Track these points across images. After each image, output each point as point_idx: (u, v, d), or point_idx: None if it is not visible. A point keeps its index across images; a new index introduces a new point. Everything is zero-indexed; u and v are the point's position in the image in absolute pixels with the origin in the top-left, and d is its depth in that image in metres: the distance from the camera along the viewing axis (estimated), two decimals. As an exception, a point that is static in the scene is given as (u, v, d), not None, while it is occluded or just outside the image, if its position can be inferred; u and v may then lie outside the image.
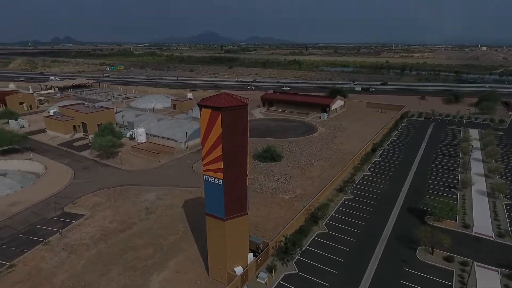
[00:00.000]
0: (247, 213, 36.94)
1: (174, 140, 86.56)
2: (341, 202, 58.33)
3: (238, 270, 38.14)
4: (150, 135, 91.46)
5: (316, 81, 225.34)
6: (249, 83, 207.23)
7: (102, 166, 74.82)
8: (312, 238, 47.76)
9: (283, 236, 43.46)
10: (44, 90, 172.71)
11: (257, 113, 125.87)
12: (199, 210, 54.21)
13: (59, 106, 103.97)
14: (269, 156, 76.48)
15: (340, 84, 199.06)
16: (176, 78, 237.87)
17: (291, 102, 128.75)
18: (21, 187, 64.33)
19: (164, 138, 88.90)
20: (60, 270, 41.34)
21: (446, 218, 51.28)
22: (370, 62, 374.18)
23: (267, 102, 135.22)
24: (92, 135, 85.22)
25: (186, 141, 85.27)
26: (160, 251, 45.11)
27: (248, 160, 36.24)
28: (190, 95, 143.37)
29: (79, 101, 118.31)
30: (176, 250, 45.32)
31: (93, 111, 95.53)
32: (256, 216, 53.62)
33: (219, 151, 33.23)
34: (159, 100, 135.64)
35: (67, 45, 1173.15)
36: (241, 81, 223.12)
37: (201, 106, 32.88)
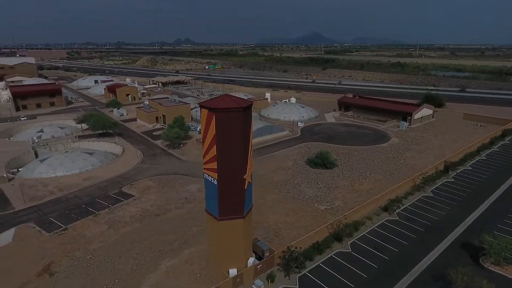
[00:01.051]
0: (243, 217, 36.48)
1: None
2: (380, 222, 52.11)
3: (233, 272, 38.10)
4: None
5: (415, 86, 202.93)
6: (334, 86, 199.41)
7: (166, 155, 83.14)
8: (329, 255, 44.10)
9: (288, 246, 41.34)
10: (150, 85, 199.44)
11: (330, 117, 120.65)
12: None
13: (149, 99, 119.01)
14: (321, 162, 72.97)
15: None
16: (264, 78, 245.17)
17: (369, 107, 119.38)
18: (100, 165, 76.29)
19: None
20: (96, 240, 48.00)
21: None
22: (493, 67, 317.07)
23: (344, 106, 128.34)
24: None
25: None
26: (180, 239, 48.06)
27: (249, 163, 35.62)
28: (268, 95, 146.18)
29: (164, 96, 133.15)
30: (194, 241, 47.56)
31: (172, 105, 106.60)
32: (282, 222, 52.27)
33: (214, 152, 33.79)
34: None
35: (185, 45, 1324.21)
36: (324, 83, 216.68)
37: (201, 106, 33.90)
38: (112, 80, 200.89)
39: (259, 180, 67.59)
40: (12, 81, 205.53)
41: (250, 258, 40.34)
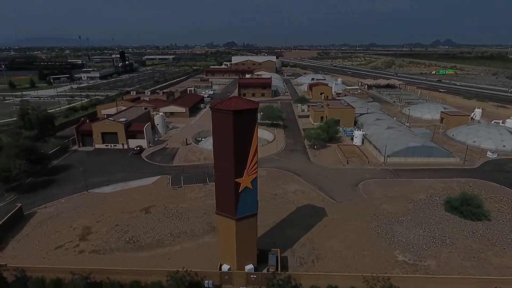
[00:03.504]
0: (235, 219, 36.40)
1: (379, 151, 79.62)
2: (465, 313, 34.72)
3: (224, 267, 39.09)
4: (369, 140, 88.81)
5: None
6: None
7: (301, 153, 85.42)
8: (343, 309, 35.33)
9: (275, 272, 36.71)
10: (357, 86, 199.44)
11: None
12: (302, 218, 53.95)
13: (323, 100, 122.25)
14: (459, 207, 53.43)
15: None
16: (508, 90, 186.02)
17: None
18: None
19: (374, 146, 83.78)
20: (188, 201, 59.97)
21: None
22: None
23: None
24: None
25: (385, 155, 76.11)
26: (235, 225, 52.16)
27: (249, 168, 35.36)
28: (478, 112, 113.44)
29: (338, 98, 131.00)
30: (244, 232, 50.38)
31: (335, 107, 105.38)
32: (335, 251, 45.40)
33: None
34: (432, 110, 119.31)
35: (442, 47, 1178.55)
36: None
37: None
38: (324, 79, 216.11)
39: (364, 202, 59.12)
40: (258, 74, 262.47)
41: (250, 264, 39.40)
